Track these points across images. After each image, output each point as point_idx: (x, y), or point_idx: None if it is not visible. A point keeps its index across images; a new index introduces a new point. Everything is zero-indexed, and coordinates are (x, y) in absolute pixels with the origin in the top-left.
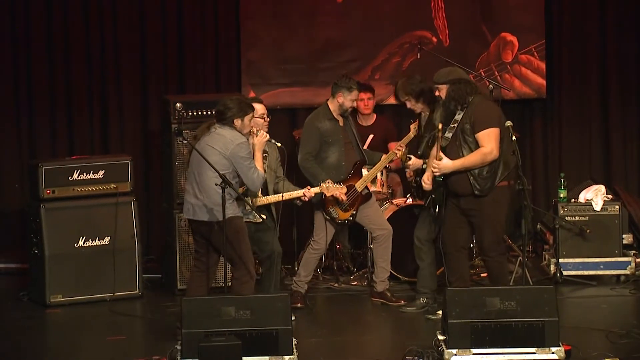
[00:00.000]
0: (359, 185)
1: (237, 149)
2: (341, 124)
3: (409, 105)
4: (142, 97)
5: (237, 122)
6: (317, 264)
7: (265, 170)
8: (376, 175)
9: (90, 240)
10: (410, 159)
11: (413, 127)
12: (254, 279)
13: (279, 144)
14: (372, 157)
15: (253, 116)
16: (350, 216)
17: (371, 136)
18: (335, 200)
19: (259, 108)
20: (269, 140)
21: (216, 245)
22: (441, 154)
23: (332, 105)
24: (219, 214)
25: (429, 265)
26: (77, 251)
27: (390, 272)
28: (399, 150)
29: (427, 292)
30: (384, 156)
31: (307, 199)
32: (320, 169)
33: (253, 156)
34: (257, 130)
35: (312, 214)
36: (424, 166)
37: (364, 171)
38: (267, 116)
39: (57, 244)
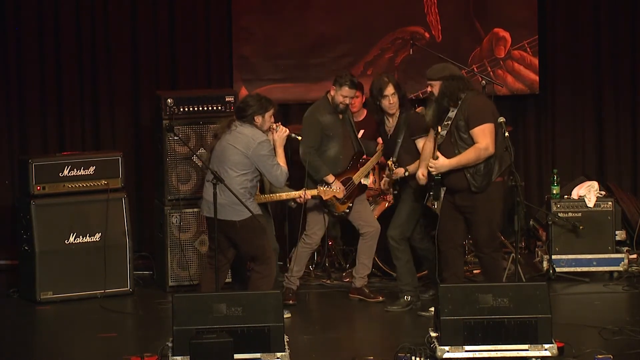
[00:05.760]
0: (356, 178)
1: (259, 148)
2: (341, 117)
3: (393, 100)
4: (134, 92)
5: (258, 119)
6: (310, 260)
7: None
8: (369, 172)
9: (81, 236)
10: (394, 168)
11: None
12: (274, 274)
13: (300, 137)
14: (368, 146)
15: (272, 113)
16: (347, 209)
17: (362, 131)
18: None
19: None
20: (288, 135)
21: (237, 243)
22: (438, 152)
23: (330, 98)
24: (238, 212)
25: (406, 263)
26: (68, 248)
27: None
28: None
29: (410, 290)
30: (379, 146)
31: (303, 202)
32: (322, 163)
33: (275, 152)
34: (276, 126)
35: (303, 209)
36: (407, 174)
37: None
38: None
39: (47, 241)
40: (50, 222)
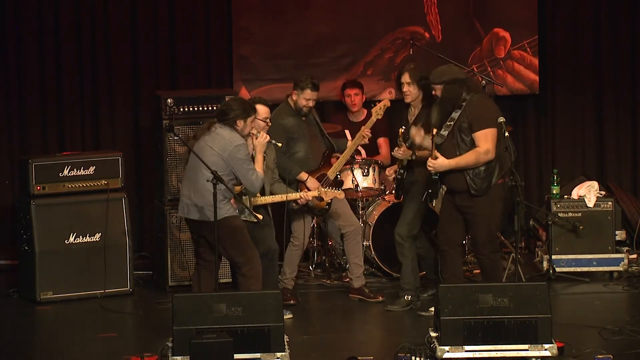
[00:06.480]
0: (330, 174)
1: (234, 151)
2: (304, 118)
3: (405, 88)
4: (134, 92)
5: (240, 123)
6: (308, 260)
7: (264, 172)
8: (369, 171)
9: (81, 236)
10: (402, 144)
11: (375, 110)
12: (260, 274)
13: (280, 144)
14: (339, 144)
15: (255, 118)
16: (327, 205)
17: None
18: (308, 189)
19: (263, 111)
20: (269, 142)
21: (213, 244)
22: (437, 152)
23: (292, 102)
24: (211, 213)
25: (412, 261)
26: (68, 248)
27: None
28: (367, 135)
29: (410, 289)
30: (349, 142)
31: (304, 202)
32: (292, 163)
33: (253, 158)
34: (257, 132)
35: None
36: (413, 157)
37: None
38: (270, 120)
39: (47, 241)
40: (50, 222)
